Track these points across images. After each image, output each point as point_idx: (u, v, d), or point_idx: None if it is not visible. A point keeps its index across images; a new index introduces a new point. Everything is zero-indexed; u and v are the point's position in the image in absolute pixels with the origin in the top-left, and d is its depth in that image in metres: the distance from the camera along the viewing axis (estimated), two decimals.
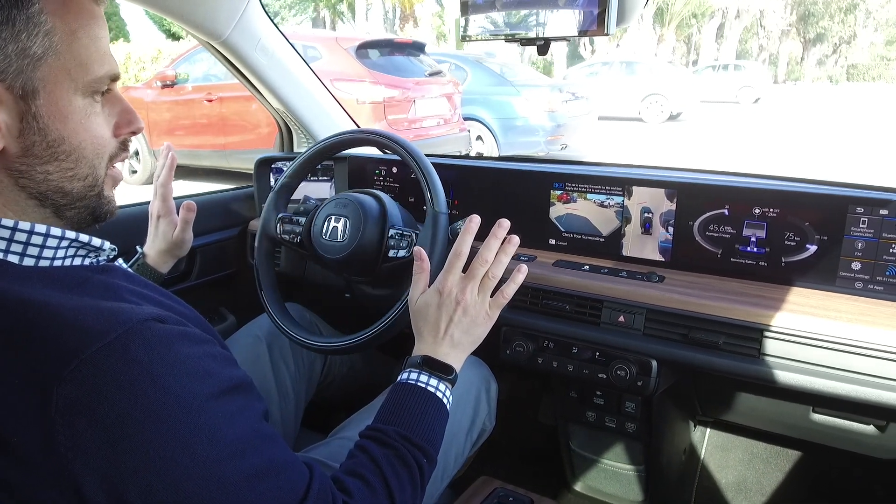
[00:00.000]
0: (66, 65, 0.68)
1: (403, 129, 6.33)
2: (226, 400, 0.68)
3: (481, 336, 1.01)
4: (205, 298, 1.78)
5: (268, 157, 1.77)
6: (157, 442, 0.61)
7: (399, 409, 0.90)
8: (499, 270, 1.00)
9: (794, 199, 1.21)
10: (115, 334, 0.62)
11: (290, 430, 1.37)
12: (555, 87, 8.34)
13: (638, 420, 1.42)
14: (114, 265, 0.78)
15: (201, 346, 0.69)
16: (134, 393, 0.61)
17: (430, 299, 0.99)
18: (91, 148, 0.72)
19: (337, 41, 6.38)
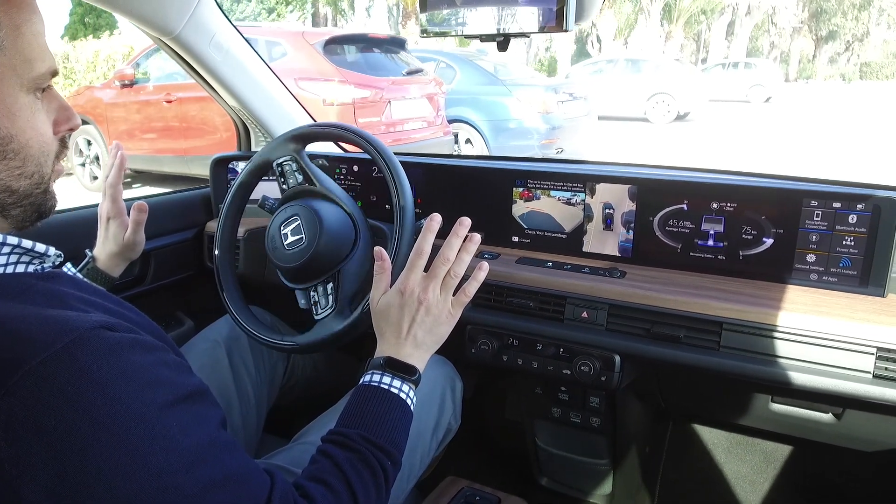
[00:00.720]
0: (12, 61, 0.66)
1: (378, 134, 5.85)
2: (181, 409, 0.65)
3: (444, 335, 1.00)
4: (160, 303, 1.74)
5: (224, 157, 1.73)
6: (109, 455, 0.59)
7: (362, 411, 0.89)
8: (461, 269, 0.99)
9: (751, 194, 1.23)
10: (62, 343, 0.59)
11: (252, 436, 1.34)
12: (550, 87, 7.79)
13: (602, 415, 1.43)
14: (60, 272, 0.75)
15: (153, 354, 0.67)
16: (82, 404, 0.58)
17: (392, 299, 0.97)
18: (37, 146, 0.71)
19: (303, 36, 5.92)
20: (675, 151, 10.31)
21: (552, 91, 7.59)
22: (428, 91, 6.46)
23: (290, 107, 1.81)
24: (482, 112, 7.49)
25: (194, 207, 1.81)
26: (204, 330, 1.42)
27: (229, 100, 1.74)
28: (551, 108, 7.39)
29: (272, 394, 1.43)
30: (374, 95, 5.82)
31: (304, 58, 5.72)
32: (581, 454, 1.55)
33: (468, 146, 7.51)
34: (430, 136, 6.46)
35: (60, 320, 0.62)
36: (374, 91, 5.83)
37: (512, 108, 7.37)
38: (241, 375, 1.34)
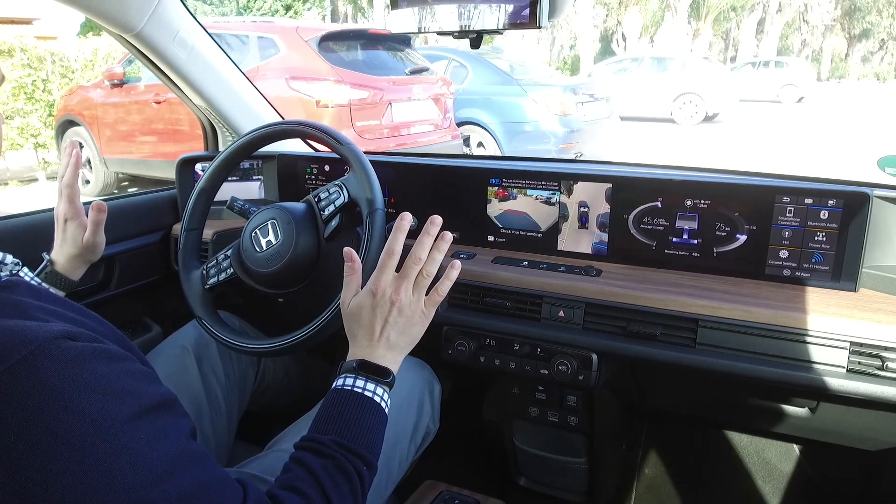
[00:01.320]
0: None
1: (377, 139, 5.34)
2: (147, 420, 0.63)
3: (418, 336, 0.98)
4: (126, 309, 1.68)
5: (190, 157, 1.68)
6: (73, 472, 0.56)
7: (335, 416, 0.87)
8: (433, 268, 0.97)
9: (724, 191, 1.24)
10: (20, 355, 0.57)
11: (224, 444, 1.30)
12: (569, 87, 7.21)
13: (580, 413, 1.43)
14: (17, 280, 0.72)
15: (118, 364, 0.64)
16: (44, 419, 0.56)
17: (364, 301, 0.95)
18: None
19: (297, 32, 5.42)
20: (702, 154, 9.78)
21: (571, 91, 7.09)
22: (434, 92, 5.95)
23: (257, 105, 1.77)
24: (495, 114, 7.06)
25: (160, 209, 1.75)
26: (171, 336, 1.38)
27: (195, 98, 1.69)
28: (570, 110, 6.93)
29: (243, 400, 1.39)
30: (373, 97, 5.34)
31: (298, 55, 5.30)
32: (559, 453, 1.55)
33: (480, 150, 7.11)
34: (437, 140, 5.95)
35: (19, 331, 0.59)
36: (373, 92, 5.34)
37: (528, 109, 6.91)
38: (211, 382, 1.30)
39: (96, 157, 6.31)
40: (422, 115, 5.79)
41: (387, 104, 5.40)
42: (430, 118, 5.87)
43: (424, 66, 6.03)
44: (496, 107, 7.03)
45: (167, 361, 1.29)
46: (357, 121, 5.17)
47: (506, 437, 1.61)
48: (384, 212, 1.20)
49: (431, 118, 5.89)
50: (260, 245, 1.23)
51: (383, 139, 5.35)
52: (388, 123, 5.44)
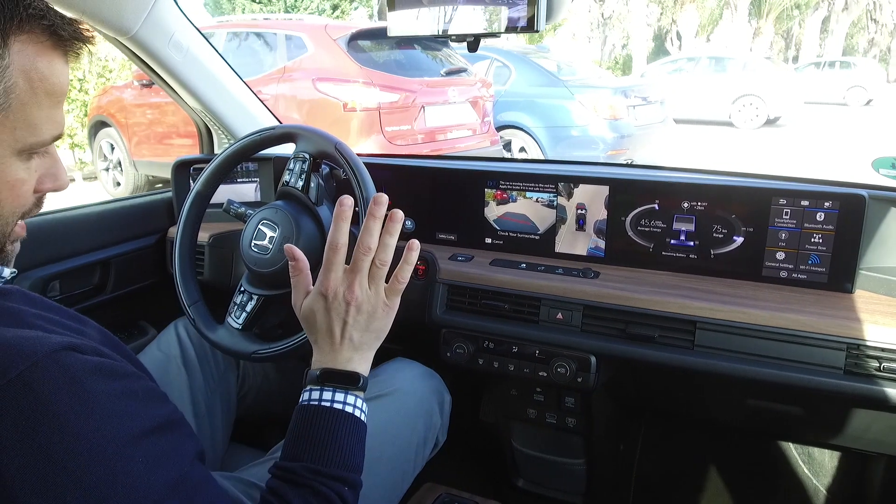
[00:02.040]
0: (14, 124, 0.61)
1: (409, 145, 4.95)
2: (147, 444, 0.61)
3: (384, 329, 0.89)
4: (122, 312, 1.68)
5: (186, 160, 1.67)
6: (66, 497, 0.54)
7: (305, 437, 0.80)
8: (387, 255, 0.86)
9: (721, 193, 1.24)
10: (17, 371, 0.55)
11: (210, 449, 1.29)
12: (620, 89, 6.72)
13: (578, 415, 1.43)
14: (12, 287, 0.71)
15: (118, 382, 0.62)
16: (38, 441, 0.54)
17: (316, 304, 0.86)
18: (10, 206, 0.65)
19: (325, 30, 5.07)
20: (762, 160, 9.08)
21: (622, 94, 6.59)
22: (472, 94, 5.50)
23: (253, 108, 1.77)
24: (539, 117, 6.60)
25: (156, 213, 1.75)
26: (154, 340, 1.38)
27: (190, 101, 1.69)
28: (620, 114, 6.45)
29: (229, 404, 1.38)
30: (405, 100, 4.90)
31: (326, 55, 4.93)
32: (557, 454, 1.55)
33: (522, 155, 6.63)
34: (475, 146, 5.50)
35: (16, 344, 0.57)
36: (405, 95, 4.91)
37: (574, 112, 6.45)
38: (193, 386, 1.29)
39: (126, 159, 6.17)
40: (458, 119, 5.36)
41: (419, 108, 5.00)
42: (466, 122, 5.43)
43: (462, 67, 5.62)
44: (540, 110, 6.61)
45: (152, 368, 1.25)
46: (387, 126, 4.80)
47: (504, 439, 1.61)
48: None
49: (468, 122, 5.45)
50: (264, 248, 1.24)
51: (415, 145, 5.01)
52: (420, 128, 5.02)
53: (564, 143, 6.49)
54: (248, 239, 1.26)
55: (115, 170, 6.42)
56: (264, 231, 1.25)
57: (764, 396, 1.28)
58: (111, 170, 6.51)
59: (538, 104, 6.63)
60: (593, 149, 6.37)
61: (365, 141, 4.65)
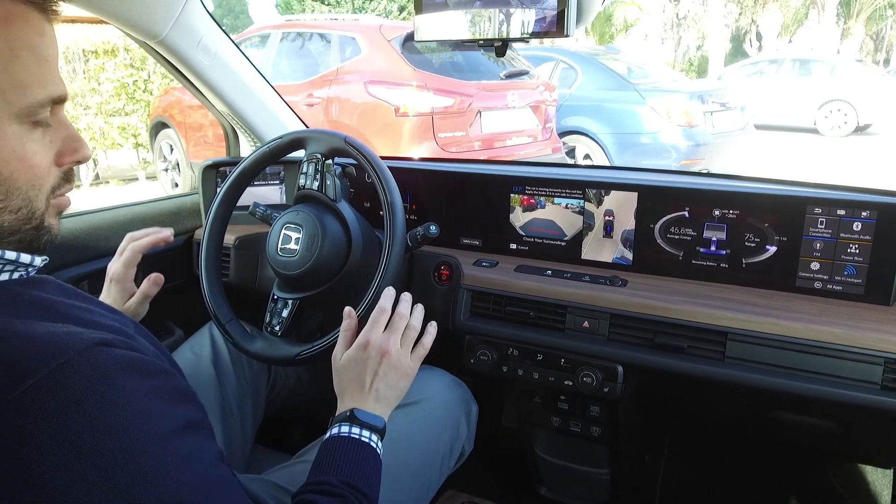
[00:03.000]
0: (1, 86, 0.61)
1: (463, 152, 4.73)
2: (175, 442, 0.61)
3: (404, 390, 1.02)
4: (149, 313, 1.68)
5: (214, 163, 1.69)
6: (96, 493, 0.54)
7: (337, 459, 0.87)
8: (418, 322, 1.06)
9: (753, 201, 1.21)
10: (48, 369, 0.55)
11: (238, 451, 1.30)
12: (696, 93, 6.25)
13: (602, 424, 1.41)
14: (46, 277, 0.71)
15: (148, 380, 0.62)
16: (68, 438, 0.54)
17: (355, 355, 0.99)
18: (25, 179, 0.64)
19: (380, 31, 4.86)
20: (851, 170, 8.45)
21: (698, 99, 6.15)
22: (533, 98, 5.17)
23: (280, 111, 1.78)
24: (606, 123, 6.25)
25: (184, 214, 1.77)
26: (187, 342, 1.39)
27: (218, 104, 1.70)
28: (696, 121, 6.03)
29: (258, 406, 1.39)
30: (460, 104, 4.66)
31: (380, 57, 4.75)
32: (581, 463, 1.53)
33: (587, 162, 6.34)
34: (535, 154, 5.24)
35: (49, 340, 0.57)
36: (460, 99, 4.67)
37: (645, 118, 6.07)
38: (224, 388, 1.31)
39: (184, 160, 6.13)
40: (517, 125, 5.08)
41: (475, 113, 4.76)
42: (526, 128, 5.15)
43: (523, 70, 5.34)
44: (608, 115, 6.27)
45: (184, 368, 1.28)
46: (440, 131, 4.61)
47: (527, 447, 1.59)
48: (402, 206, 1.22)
49: (528, 129, 5.17)
50: (291, 251, 1.25)
51: (470, 153, 4.80)
52: (476, 135, 4.80)
53: (633, 151, 6.14)
54: (275, 245, 1.27)
55: (174, 171, 6.44)
56: (289, 234, 1.26)
57: (796, 410, 1.25)
58: (170, 170, 6.55)
59: (606, 109, 6.30)
60: (665, 157, 5.98)
61: (417, 147, 4.54)
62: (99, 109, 7.18)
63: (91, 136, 7.10)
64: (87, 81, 7.13)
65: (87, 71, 7.12)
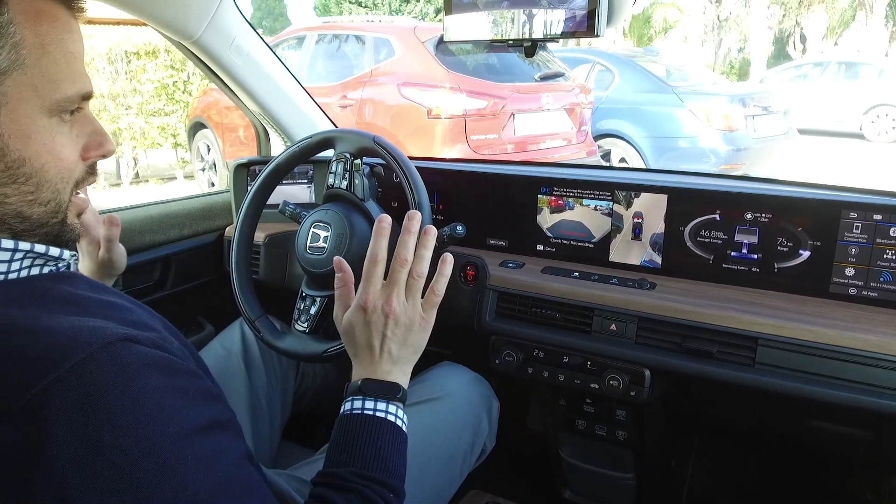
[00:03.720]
0: (34, 80, 0.62)
1: (497, 155, 4.71)
2: (198, 441, 0.60)
3: (422, 342, 0.92)
4: (181, 308, 1.73)
5: (245, 161, 1.72)
6: (113, 490, 0.54)
7: (349, 445, 0.81)
8: (423, 268, 0.90)
9: (787, 204, 1.18)
10: (70, 363, 0.55)
11: (267, 446, 1.32)
12: (737, 96, 6.09)
13: (629, 428, 1.39)
14: (76, 272, 0.72)
15: (171, 379, 0.61)
16: (88, 433, 0.54)
17: (355, 317, 0.89)
18: (55, 171, 0.66)
19: (414, 32, 4.84)
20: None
21: (739, 103, 5.98)
22: (568, 101, 5.11)
23: (310, 111, 1.80)
24: (643, 126, 6.12)
25: (215, 212, 1.80)
26: (217, 337, 1.41)
27: (249, 104, 1.73)
28: (737, 125, 5.87)
29: (286, 402, 1.40)
30: (493, 107, 4.63)
31: (413, 59, 4.74)
32: (606, 467, 1.52)
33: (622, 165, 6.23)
34: (570, 157, 5.12)
35: (73, 334, 0.57)
36: (493, 101, 4.63)
37: (684, 122, 5.93)
38: (254, 384, 1.32)
39: (220, 160, 6.14)
40: (551, 127, 4.99)
41: (509, 115, 4.70)
42: (560, 131, 5.07)
43: (559, 72, 5.26)
44: (645, 118, 6.13)
45: (214, 363, 1.31)
46: (472, 134, 4.57)
47: (551, 449, 1.58)
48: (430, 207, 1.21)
49: (563, 131, 5.09)
50: (319, 249, 1.26)
51: (503, 155, 4.76)
52: (508, 138, 4.74)
53: (669, 155, 5.99)
54: (303, 243, 1.29)
55: (211, 170, 6.50)
56: (318, 233, 1.27)
57: (828, 418, 1.22)
58: (206, 170, 6.62)
59: (643, 112, 6.17)
60: (704, 162, 5.81)
61: (449, 150, 4.51)
62: (140, 109, 7.34)
63: (132, 135, 7.26)
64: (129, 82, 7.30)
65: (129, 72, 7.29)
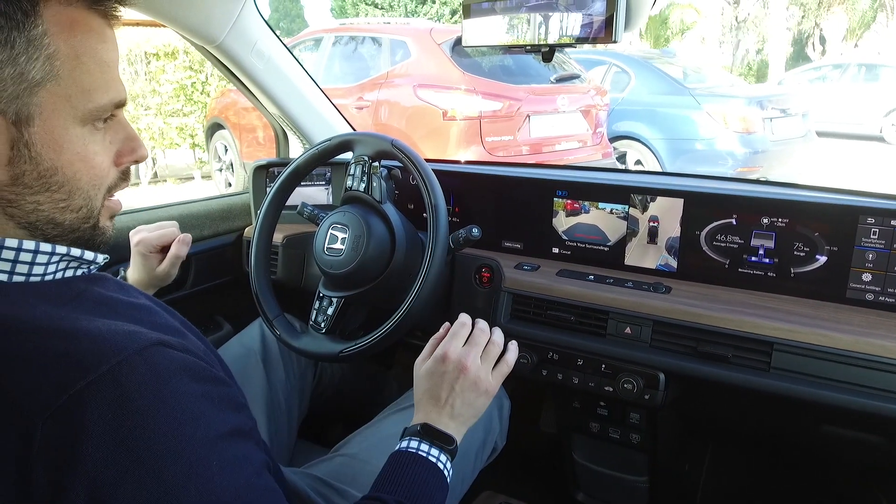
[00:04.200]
0: (67, 91, 0.63)
1: (511, 157, 4.75)
2: (222, 447, 0.62)
3: (481, 409, 0.99)
4: (200, 307, 1.76)
5: (265, 163, 1.74)
6: (140, 490, 0.56)
7: (399, 477, 0.86)
8: (500, 338, 1.04)
9: (804, 209, 1.18)
10: (107, 366, 0.57)
11: (285, 444, 1.34)
12: (754, 99, 6.05)
13: (643, 431, 1.39)
14: (106, 274, 0.74)
15: (199, 385, 0.63)
16: (121, 434, 0.55)
17: (434, 367, 0.98)
18: (87, 179, 0.67)
19: (430, 34, 4.88)
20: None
21: (757, 105, 5.94)
22: (584, 103, 5.14)
23: (328, 114, 1.82)
24: (659, 128, 6.10)
25: (234, 213, 1.83)
26: (237, 336, 1.44)
27: (269, 107, 1.75)
28: (754, 127, 5.83)
29: (303, 401, 1.43)
30: (508, 108, 4.66)
31: (429, 60, 4.77)
32: (619, 470, 1.52)
33: (637, 168, 6.17)
34: (585, 159, 5.16)
35: (108, 338, 0.59)
36: (508, 103, 4.66)
37: (700, 124, 5.91)
38: (273, 382, 1.35)
39: (237, 160, 6.24)
40: (566, 129, 5.02)
41: (524, 117, 4.74)
42: (576, 133, 5.09)
43: (575, 73, 5.29)
44: (661, 120, 6.13)
45: (233, 361, 1.32)
46: (487, 135, 4.60)
47: (564, 451, 1.59)
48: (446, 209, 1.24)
49: (578, 133, 5.11)
50: (337, 251, 1.28)
51: (518, 157, 4.79)
52: (524, 139, 4.77)
53: (686, 157, 5.98)
54: (321, 244, 1.31)
55: (228, 171, 6.57)
56: (336, 234, 1.29)
57: (843, 424, 1.21)
58: (224, 170, 6.68)
59: (659, 114, 6.15)
60: (720, 164, 5.79)
61: (464, 151, 4.54)
62: (158, 110, 7.42)
63: (150, 135, 7.33)
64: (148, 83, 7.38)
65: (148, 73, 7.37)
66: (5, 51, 0.59)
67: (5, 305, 0.61)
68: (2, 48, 0.59)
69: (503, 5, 1.23)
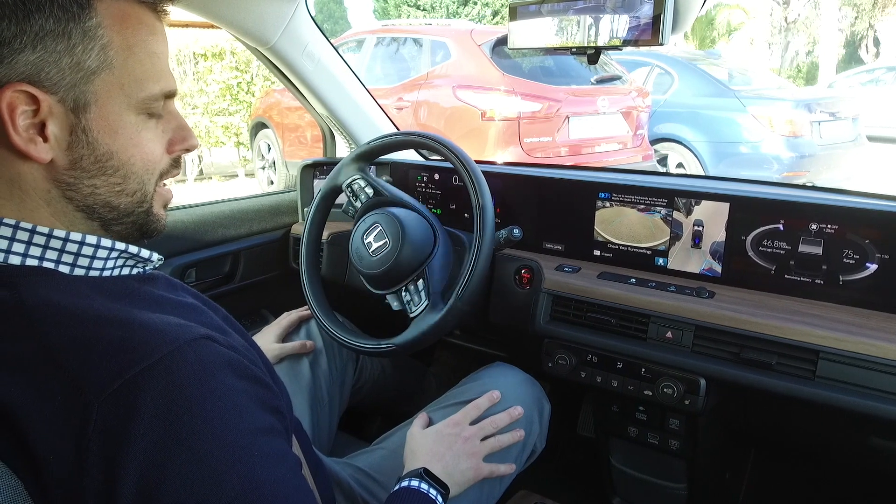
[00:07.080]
0: (121, 80, 0.67)
1: (550, 158, 4.71)
2: (262, 440, 0.64)
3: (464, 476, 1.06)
4: (247, 301, 1.81)
5: (312, 163, 1.79)
6: (185, 474, 0.58)
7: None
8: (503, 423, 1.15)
9: (854, 215, 1.16)
10: (160, 354, 0.60)
11: (326, 435, 1.38)
12: (802, 102, 5.86)
13: (682, 437, 1.38)
14: (157, 274, 0.78)
15: (242, 382, 0.65)
16: (170, 419, 0.58)
17: (440, 427, 1.11)
18: (141, 164, 0.71)
19: (471, 36, 4.86)
20: None
21: (805, 108, 5.75)
22: (625, 104, 5.10)
23: (375, 115, 1.85)
24: (702, 131, 5.98)
25: (282, 210, 1.88)
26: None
27: (318, 107, 1.79)
28: (802, 131, 5.64)
29: (343, 394, 1.46)
30: (547, 109, 4.62)
31: (469, 61, 4.78)
32: (657, 477, 1.51)
33: (679, 171, 6.05)
34: (625, 161, 5.11)
35: (162, 328, 0.63)
36: (548, 104, 4.62)
37: (745, 127, 5.75)
38: (317, 375, 1.38)
39: (279, 159, 6.38)
40: (606, 131, 4.99)
41: (563, 118, 4.70)
42: (616, 135, 5.06)
43: (616, 75, 5.27)
44: (705, 122, 5.99)
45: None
46: (525, 136, 4.57)
47: (601, 455, 1.58)
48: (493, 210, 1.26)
49: (618, 135, 5.08)
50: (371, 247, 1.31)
51: (556, 158, 4.75)
52: (563, 141, 4.73)
53: (729, 161, 5.83)
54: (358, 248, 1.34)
55: (270, 169, 6.72)
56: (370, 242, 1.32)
57: (892, 437, 1.18)
58: (266, 169, 6.82)
59: (702, 116, 6.01)
60: (765, 169, 5.62)
61: (502, 152, 4.55)
62: (205, 109, 7.62)
63: (197, 133, 7.48)
64: (196, 82, 7.58)
65: (196, 73, 7.57)
66: (63, 41, 0.63)
67: (68, 295, 0.64)
68: (60, 39, 0.63)
69: (550, 7, 1.24)
